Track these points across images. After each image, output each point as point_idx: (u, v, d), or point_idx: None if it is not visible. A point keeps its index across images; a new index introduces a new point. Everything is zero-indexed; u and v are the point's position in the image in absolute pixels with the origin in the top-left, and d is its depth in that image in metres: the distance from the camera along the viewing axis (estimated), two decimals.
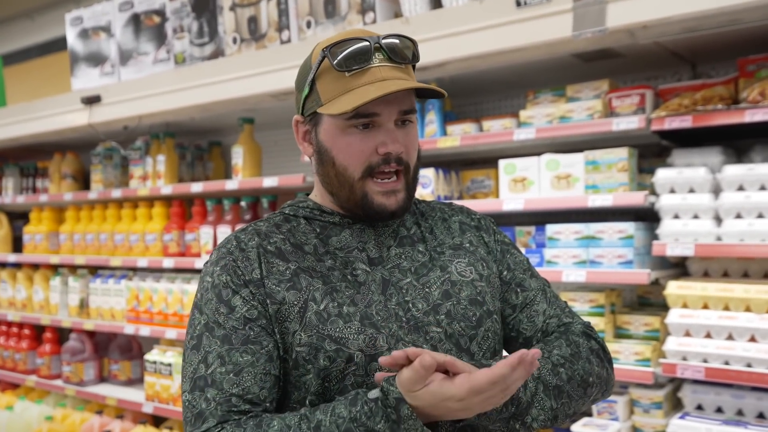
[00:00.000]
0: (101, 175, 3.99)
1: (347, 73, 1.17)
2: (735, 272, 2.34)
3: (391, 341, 1.15)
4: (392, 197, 1.21)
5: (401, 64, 1.19)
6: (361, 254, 1.23)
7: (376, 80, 1.15)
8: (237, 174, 3.35)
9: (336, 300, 1.17)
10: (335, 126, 1.20)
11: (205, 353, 1.14)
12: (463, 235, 1.33)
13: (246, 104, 3.03)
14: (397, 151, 1.18)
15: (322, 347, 1.13)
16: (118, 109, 3.38)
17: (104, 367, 4.08)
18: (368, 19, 2.47)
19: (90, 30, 3.53)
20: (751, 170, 2.15)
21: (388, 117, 1.18)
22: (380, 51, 1.18)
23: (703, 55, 2.48)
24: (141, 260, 3.65)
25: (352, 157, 1.19)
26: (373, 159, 1.19)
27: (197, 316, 1.18)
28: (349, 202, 1.23)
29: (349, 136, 1.19)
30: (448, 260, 1.27)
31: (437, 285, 1.23)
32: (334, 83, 1.18)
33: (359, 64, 1.16)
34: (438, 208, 1.38)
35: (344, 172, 1.21)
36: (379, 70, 1.17)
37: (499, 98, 3.02)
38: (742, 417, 2.20)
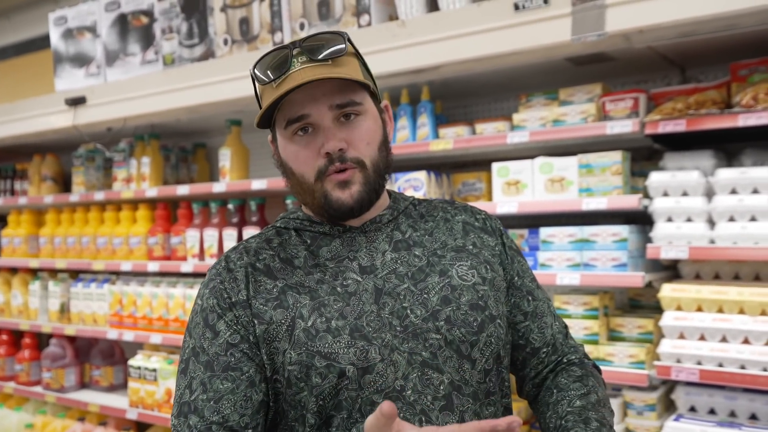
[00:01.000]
0: (83, 177, 3.93)
1: (274, 84, 1.16)
2: (726, 275, 2.36)
3: (384, 351, 1.13)
4: (347, 191, 1.18)
5: (327, 61, 1.16)
6: (352, 263, 1.21)
7: (297, 83, 1.13)
8: (224, 176, 3.32)
9: (324, 315, 1.15)
10: (283, 137, 1.21)
11: (190, 379, 1.16)
12: (466, 237, 1.30)
13: (236, 106, 3.00)
14: (333, 148, 1.16)
15: (312, 364, 1.12)
16: (104, 111, 3.33)
17: (85, 373, 4.00)
18: (363, 21, 2.46)
19: (75, 30, 3.46)
20: (743, 174, 2.17)
21: (320, 116, 1.16)
22: (301, 54, 1.17)
23: (693, 60, 2.51)
24: (125, 264, 3.59)
25: (302, 164, 1.20)
26: (320, 162, 1.18)
27: (187, 339, 1.21)
28: (315, 207, 1.22)
29: (295, 144, 1.19)
30: (449, 264, 1.24)
31: (436, 290, 1.20)
32: (268, 97, 1.19)
33: (280, 71, 1.16)
34: (441, 208, 1.35)
35: (302, 179, 1.21)
36: (299, 73, 1.14)
37: (489, 101, 3.03)
38: (735, 418, 2.22)
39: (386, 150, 1.25)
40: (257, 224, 3.27)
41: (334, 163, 1.17)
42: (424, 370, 1.14)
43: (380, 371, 1.13)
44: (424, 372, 1.14)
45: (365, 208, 1.22)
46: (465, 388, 1.17)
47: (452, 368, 1.16)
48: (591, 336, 2.40)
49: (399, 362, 1.14)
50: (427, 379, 1.14)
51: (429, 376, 1.14)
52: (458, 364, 1.17)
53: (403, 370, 1.14)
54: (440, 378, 1.15)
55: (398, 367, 1.13)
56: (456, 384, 1.16)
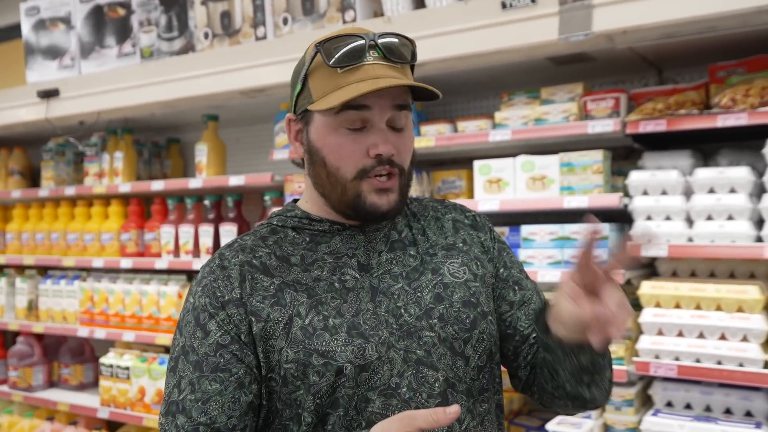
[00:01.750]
0: (53, 171, 3.84)
1: (339, 70, 1.14)
2: (702, 272, 2.41)
3: (381, 349, 1.13)
4: (384, 197, 1.17)
5: (396, 64, 1.16)
6: (351, 260, 1.20)
7: (368, 77, 1.12)
8: (201, 172, 3.28)
9: (321, 313, 1.14)
10: (326, 125, 1.17)
11: (179, 378, 1.15)
12: (456, 234, 1.30)
13: (214, 101, 2.96)
14: (388, 152, 1.15)
15: (310, 363, 1.11)
16: (78, 104, 3.26)
17: (54, 372, 3.93)
18: (348, 17, 2.45)
19: (47, 21, 3.38)
20: (721, 173, 2.22)
21: (380, 113, 1.15)
22: (375, 49, 1.15)
23: (670, 61, 2.55)
24: (96, 260, 3.53)
25: (343, 158, 1.16)
26: (366, 162, 1.15)
27: (177, 337, 1.19)
28: (341, 204, 1.20)
29: (340, 136, 1.16)
30: (441, 262, 1.24)
31: (429, 288, 1.20)
32: (325, 80, 1.15)
33: (352, 61, 1.14)
34: (431, 207, 1.35)
35: (336, 173, 1.17)
36: (372, 68, 1.13)
37: (468, 99, 3.04)
38: (710, 413, 2.27)
39: (415, 159, 1.26)
40: (234, 220, 3.24)
41: (383, 165, 1.16)
42: (419, 368, 1.15)
43: (376, 369, 1.13)
44: (419, 370, 1.15)
45: (396, 216, 1.23)
46: (459, 385, 1.17)
47: (446, 365, 1.17)
48: None
49: (395, 360, 1.14)
50: (422, 377, 1.15)
51: (424, 374, 1.15)
52: (452, 362, 1.17)
53: (398, 368, 1.14)
54: (435, 375, 1.15)
55: (394, 364, 1.14)
56: (450, 381, 1.17)
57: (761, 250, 2.09)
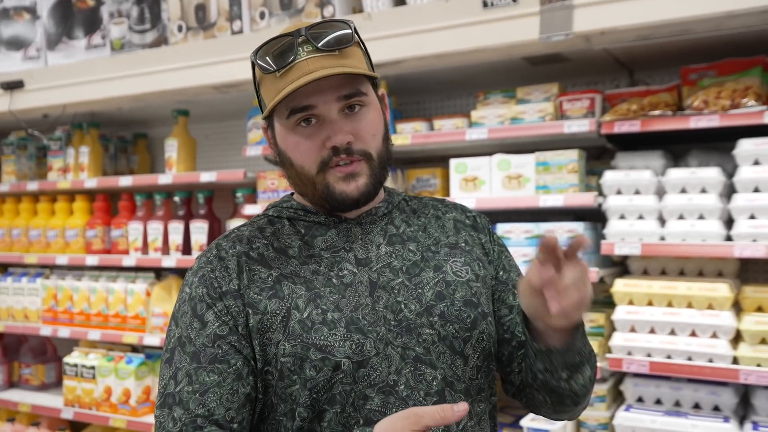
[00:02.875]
0: (14, 166, 3.74)
1: (277, 74, 1.13)
2: (672, 271, 2.46)
3: (379, 345, 1.13)
4: (353, 183, 1.15)
5: (334, 51, 1.12)
6: (348, 254, 1.19)
7: (303, 74, 1.10)
8: (170, 168, 3.23)
9: (320, 307, 1.13)
10: (283, 127, 1.17)
11: (175, 369, 1.13)
12: (458, 234, 1.30)
13: (184, 95, 2.92)
14: (341, 142, 1.13)
15: (307, 357, 1.10)
16: (44, 96, 3.17)
17: (14, 372, 3.82)
18: (327, 12, 2.43)
19: (11, 10, 3.28)
20: (693, 174, 2.27)
21: (327, 107, 1.13)
22: (307, 43, 1.13)
23: (642, 63, 2.60)
24: (60, 257, 3.45)
25: (303, 155, 1.16)
26: (324, 154, 1.14)
27: (173, 328, 1.17)
28: (316, 198, 1.19)
29: (296, 135, 1.16)
30: (443, 260, 1.23)
31: (431, 285, 1.19)
32: (270, 86, 1.15)
33: (285, 61, 1.12)
34: (431, 205, 1.34)
35: (302, 171, 1.17)
36: (306, 63, 1.11)
37: (443, 98, 3.05)
38: (680, 408, 2.32)
39: (388, 141, 1.23)
40: (205, 217, 3.19)
41: (340, 155, 1.14)
42: (417, 365, 1.14)
43: (374, 365, 1.12)
44: (417, 367, 1.14)
45: (369, 200, 1.20)
46: (457, 384, 1.17)
47: (445, 364, 1.16)
48: None
49: (393, 357, 1.13)
50: (420, 375, 1.14)
51: (422, 372, 1.14)
52: (451, 360, 1.17)
53: (396, 365, 1.13)
54: (433, 373, 1.15)
55: (392, 361, 1.13)
56: (449, 380, 1.16)
57: (731, 249, 2.14)
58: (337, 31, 1.15)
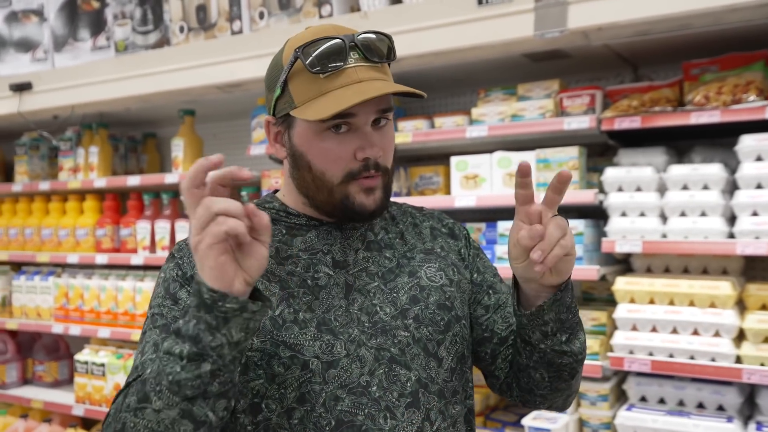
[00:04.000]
0: (27, 166, 3.79)
1: (321, 75, 1.12)
2: (676, 268, 2.43)
3: (350, 347, 1.13)
4: (371, 196, 1.17)
5: (377, 63, 1.14)
6: (326, 257, 1.20)
7: (352, 82, 1.11)
8: (177, 167, 3.25)
9: (292, 306, 1.14)
10: (310, 129, 1.15)
11: (144, 344, 1.12)
12: (434, 241, 1.31)
13: (189, 96, 2.94)
14: (375, 155, 1.14)
15: (276, 354, 1.11)
16: (52, 98, 3.21)
17: (28, 369, 3.88)
18: (325, 12, 2.43)
19: (20, 13, 3.33)
20: (695, 170, 2.24)
21: (365, 118, 1.13)
22: (355, 50, 1.12)
23: (645, 59, 2.57)
24: (71, 256, 3.49)
25: (329, 162, 1.15)
26: (353, 165, 1.14)
27: (148, 311, 1.18)
28: (327, 205, 1.19)
29: (325, 140, 1.14)
30: (418, 265, 1.25)
31: (405, 290, 1.21)
32: (307, 85, 1.13)
33: (334, 64, 1.11)
34: (409, 213, 1.35)
35: (322, 177, 1.16)
36: (354, 71, 1.12)
37: (446, 95, 3.04)
38: (683, 407, 2.29)
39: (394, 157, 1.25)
40: None
41: (370, 169, 1.15)
42: (392, 366, 1.15)
43: (345, 366, 1.12)
44: (392, 368, 1.15)
45: (380, 215, 1.21)
46: (431, 385, 1.17)
47: (419, 366, 1.17)
48: None
49: (366, 358, 1.13)
50: (395, 375, 1.14)
51: (396, 373, 1.15)
52: (425, 362, 1.17)
53: (369, 366, 1.13)
54: (408, 375, 1.15)
55: (365, 362, 1.13)
56: (423, 381, 1.16)
57: (733, 246, 2.11)
58: (382, 42, 1.16)
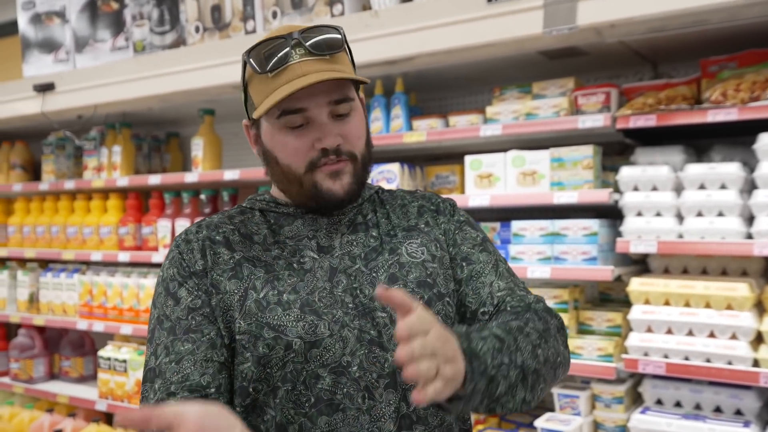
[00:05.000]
0: (53, 165, 3.86)
1: (270, 74, 1.16)
2: (694, 269, 2.38)
3: (334, 327, 1.16)
4: (338, 181, 1.20)
5: (325, 55, 1.17)
6: (311, 242, 1.24)
7: (296, 77, 1.15)
8: (197, 166, 3.28)
9: (276, 288, 1.18)
10: (271, 127, 1.21)
11: (155, 346, 1.17)
12: (419, 218, 1.33)
13: (207, 95, 2.96)
14: (331, 144, 1.18)
15: (260, 335, 1.15)
16: (73, 98, 3.27)
17: (55, 364, 3.96)
18: (336, 11, 2.44)
19: (43, 15, 3.40)
20: (712, 169, 2.19)
21: (318, 110, 1.17)
22: (299, 46, 1.17)
23: (665, 55, 2.52)
24: (95, 254, 3.55)
25: (291, 155, 1.20)
26: (312, 154, 1.19)
27: (152, 311, 1.23)
28: (301, 196, 1.23)
29: (285, 135, 1.19)
30: (399, 242, 1.27)
31: (384, 269, 1.23)
32: (260, 86, 1.18)
33: (278, 63, 1.16)
34: (399, 196, 1.38)
35: (289, 170, 1.21)
36: (299, 66, 1.15)
37: (464, 94, 3.02)
38: (700, 411, 2.24)
39: (370, 144, 1.28)
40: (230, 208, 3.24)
41: (329, 156, 1.19)
42: (371, 347, 1.17)
43: (328, 346, 1.15)
44: (371, 350, 1.17)
45: (353, 200, 1.25)
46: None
47: (396, 346, 1.13)
48: None
49: (348, 338, 1.16)
50: (374, 357, 1.17)
51: (375, 354, 1.17)
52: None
53: (351, 347, 1.16)
54: (385, 356, 1.17)
55: (347, 343, 1.16)
56: None
57: (751, 247, 2.06)
58: (328, 35, 1.19)
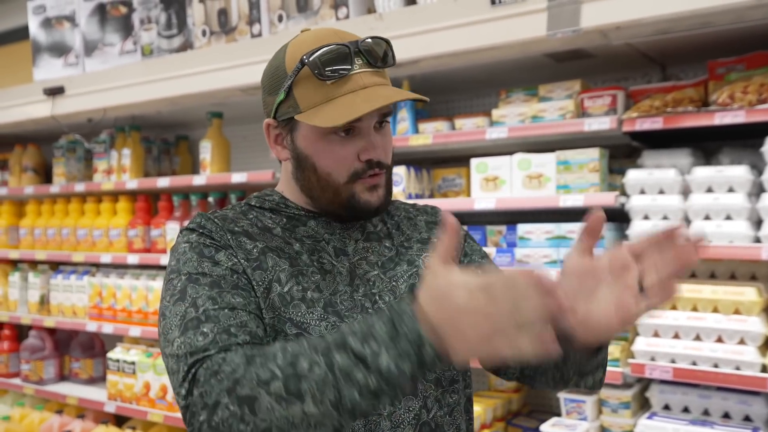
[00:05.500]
0: (64, 168, 3.89)
1: (328, 81, 1.14)
2: (702, 273, 2.36)
3: None
4: (375, 194, 1.21)
5: (380, 68, 1.18)
6: (328, 246, 1.22)
7: (358, 88, 1.14)
8: (205, 169, 3.30)
9: (301, 284, 1.15)
10: (315, 133, 1.18)
11: (193, 299, 1.07)
12: (430, 231, 1.35)
13: (215, 98, 2.98)
14: (378, 157, 1.19)
15: (282, 330, 1.12)
16: (83, 101, 3.30)
17: (65, 365, 3.98)
18: (341, 14, 2.44)
19: (53, 19, 3.43)
20: (719, 172, 2.16)
21: (369, 123, 1.18)
22: (359, 55, 1.16)
23: (673, 57, 2.50)
24: (104, 256, 3.57)
25: (334, 163, 1.18)
26: (358, 166, 1.18)
27: (176, 277, 1.12)
28: (333, 204, 1.21)
29: (330, 143, 1.17)
30: (416, 254, 1.28)
31: (404, 279, 1.23)
32: (313, 91, 1.15)
33: (340, 71, 1.14)
34: (403, 207, 1.40)
35: (327, 177, 1.19)
36: (360, 77, 1.15)
37: (470, 96, 3.01)
38: (708, 417, 2.22)
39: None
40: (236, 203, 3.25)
41: (374, 168, 1.19)
42: None
43: None
44: None
45: (384, 211, 1.25)
46: (428, 374, 1.18)
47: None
48: None
49: None
50: None
51: None
52: None
53: None
54: None
55: None
56: None
57: (759, 251, 2.04)
58: (385, 49, 1.20)
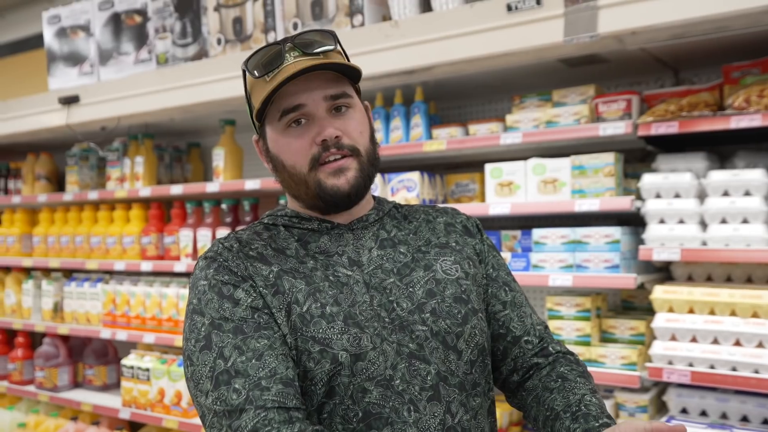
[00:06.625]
0: (77, 176, 3.91)
1: (267, 78, 1.19)
2: (719, 277, 2.36)
3: (376, 341, 1.15)
4: (342, 177, 1.21)
5: (318, 55, 1.20)
6: (341, 258, 1.23)
7: (291, 74, 1.16)
8: (218, 176, 3.31)
9: (319, 300, 1.16)
10: (275, 131, 1.22)
11: (219, 349, 1.10)
12: (448, 236, 1.34)
13: (228, 106, 2.99)
14: (330, 135, 1.18)
15: (306, 349, 1.13)
16: (97, 110, 3.32)
17: (79, 373, 4.00)
18: (356, 21, 2.46)
19: (68, 29, 3.46)
20: (735, 176, 2.17)
21: (315, 106, 1.19)
22: (294, 50, 1.20)
23: (686, 62, 2.51)
24: (118, 263, 3.59)
25: (295, 154, 1.21)
26: (314, 150, 1.20)
27: (198, 319, 1.14)
28: (309, 198, 1.23)
29: (288, 135, 1.21)
30: (433, 259, 1.28)
31: (421, 284, 1.23)
32: (260, 90, 1.21)
33: (273, 66, 1.18)
34: (422, 210, 1.39)
35: (293, 171, 1.21)
36: (293, 66, 1.18)
37: (484, 102, 3.02)
38: (726, 420, 2.22)
39: (375, 142, 1.29)
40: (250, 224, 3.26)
41: (330, 149, 1.19)
42: (411, 360, 1.17)
43: (372, 359, 1.14)
44: (411, 363, 1.17)
45: (360, 196, 1.24)
46: (451, 378, 1.19)
47: (438, 359, 1.19)
48: (583, 337, 2.40)
49: (388, 352, 1.16)
50: (415, 370, 1.16)
51: (416, 367, 1.17)
52: (444, 355, 1.19)
53: (392, 360, 1.16)
54: (427, 368, 1.17)
55: (387, 356, 1.16)
56: (442, 374, 1.18)
57: None
58: (321, 38, 1.22)
